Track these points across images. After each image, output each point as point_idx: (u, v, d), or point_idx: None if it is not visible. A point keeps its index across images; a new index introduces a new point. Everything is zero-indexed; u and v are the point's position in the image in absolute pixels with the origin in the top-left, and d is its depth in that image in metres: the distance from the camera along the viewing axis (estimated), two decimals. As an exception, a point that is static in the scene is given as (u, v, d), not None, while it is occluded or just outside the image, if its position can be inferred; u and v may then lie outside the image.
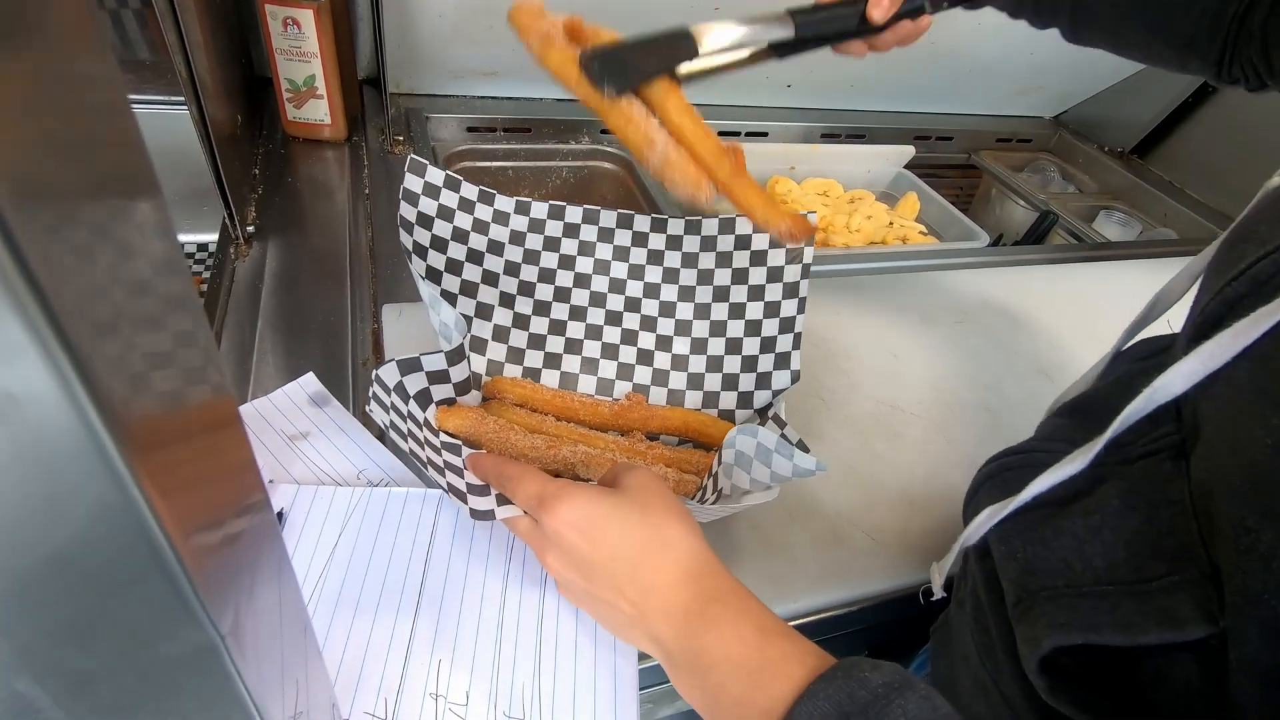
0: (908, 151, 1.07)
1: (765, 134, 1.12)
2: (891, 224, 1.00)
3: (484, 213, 0.60)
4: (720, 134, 1.07)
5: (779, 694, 0.31)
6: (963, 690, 0.43)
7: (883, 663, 0.30)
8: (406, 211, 0.55)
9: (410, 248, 0.55)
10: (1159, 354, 0.45)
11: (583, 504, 0.37)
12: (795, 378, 0.55)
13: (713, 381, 0.59)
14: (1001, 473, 0.45)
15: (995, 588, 0.39)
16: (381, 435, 0.53)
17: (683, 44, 0.49)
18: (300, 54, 0.80)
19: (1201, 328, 0.33)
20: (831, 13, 0.52)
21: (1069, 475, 0.35)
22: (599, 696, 0.39)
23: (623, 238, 0.62)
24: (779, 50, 0.52)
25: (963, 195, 1.33)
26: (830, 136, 1.16)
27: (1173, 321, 0.43)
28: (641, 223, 0.62)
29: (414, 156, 0.56)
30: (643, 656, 0.43)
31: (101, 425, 0.11)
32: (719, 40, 0.50)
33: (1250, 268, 0.31)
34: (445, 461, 0.42)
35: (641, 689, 0.42)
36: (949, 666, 0.46)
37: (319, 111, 0.86)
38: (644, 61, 0.48)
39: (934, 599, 0.48)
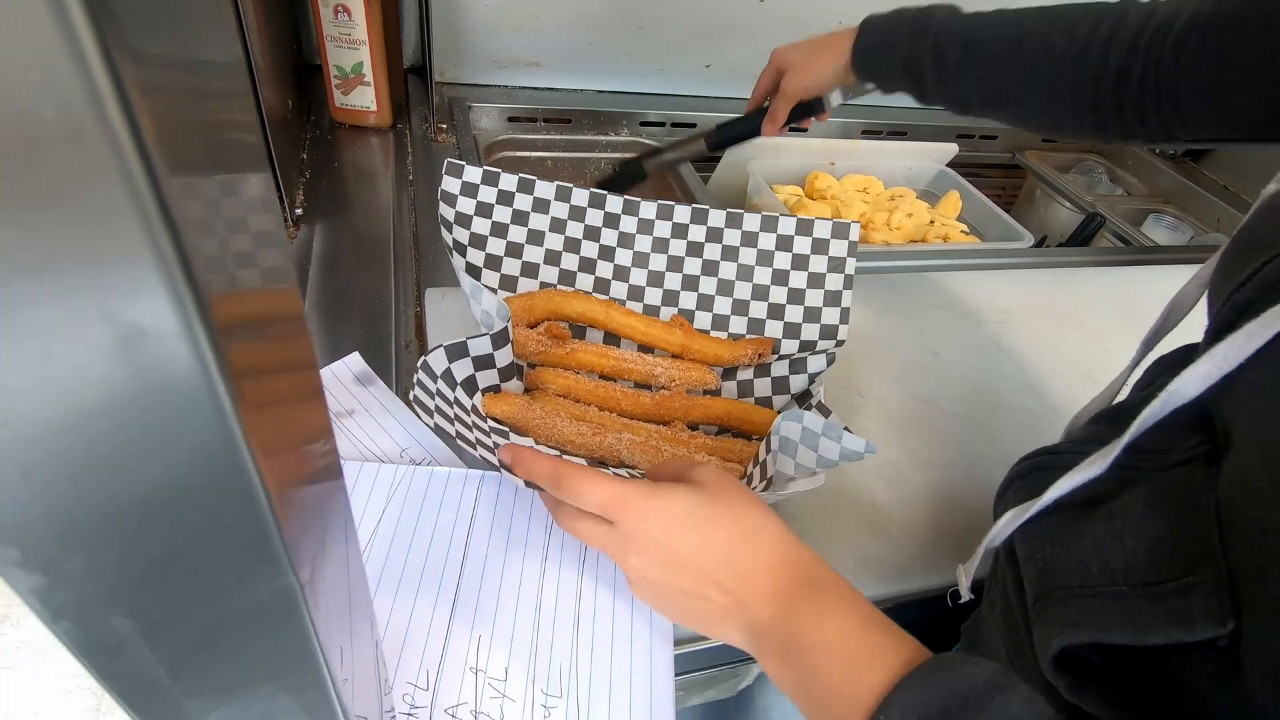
0: (950, 149, 1.06)
1: (805, 129, 1.11)
2: (933, 222, 0.98)
3: (524, 202, 0.60)
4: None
5: (874, 683, 0.30)
6: None
7: (983, 660, 0.30)
8: (445, 211, 0.57)
9: (451, 245, 0.56)
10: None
11: (664, 503, 0.36)
12: (831, 360, 0.55)
13: (745, 371, 0.59)
14: (1032, 472, 0.45)
15: (1021, 584, 0.39)
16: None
17: (638, 170, 0.82)
18: (349, 41, 0.82)
19: (1216, 334, 0.33)
20: (735, 129, 0.80)
21: (1089, 478, 0.35)
22: (635, 679, 0.40)
23: (662, 229, 0.62)
24: (708, 144, 0.82)
25: (1006, 195, 1.30)
26: (871, 133, 1.15)
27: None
28: (681, 214, 0.62)
29: (450, 160, 0.58)
30: (678, 641, 0.43)
31: (215, 366, 0.11)
32: (658, 164, 0.83)
33: (1258, 272, 0.31)
34: (495, 444, 0.43)
35: (676, 674, 0.42)
36: None
37: (365, 98, 0.87)
38: (622, 184, 0.81)
39: (961, 601, 0.47)
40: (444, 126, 0.92)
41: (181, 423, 0.12)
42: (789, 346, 0.59)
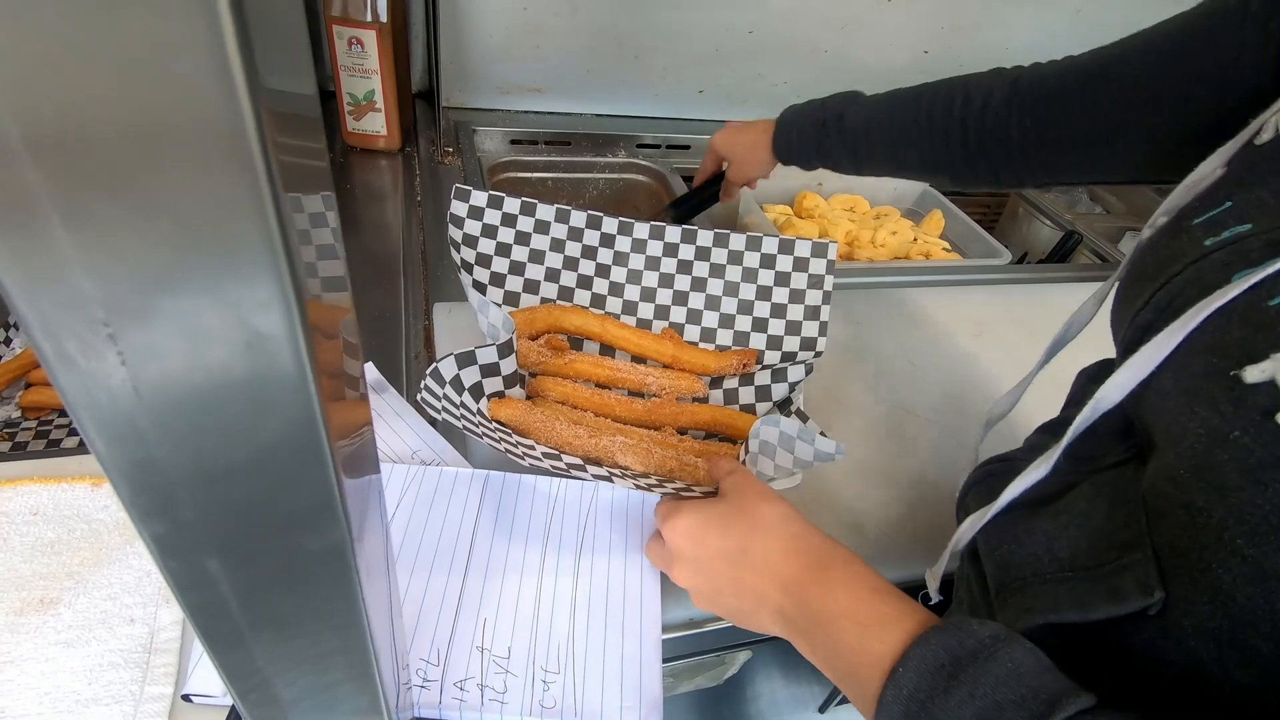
0: (934, 170, 1.10)
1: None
2: (916, 240, 1.03)
3: (526, 224, 0.65)
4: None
5: (892, 641, 0.34)
6: None
7: (990, 621, 0.33)
8: (454, 234, 0.62)
9: (459, 263, 0.61)
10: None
11: (689, 514, 0.42)
12: (809, 369, 0.59)
13: (731, 380, 0.63)
14: (986, 478, 0.50)
15: (984, 581, 0.43)
16: (434, 421, 0.58)
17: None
18: (362, 71, 0.87)
19: (1126, 352, 0.38)
20: (694, 200, 0.87)
21: (1035, 480, 0.40)
22: (626, 657, 0.44)
23: (654, 248, 0.67)
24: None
25: (990, 214, 1.35)
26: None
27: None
28: (672, 234, 0.67)
29: (458, 185, 0.63)
30: (667, 626, 0.47)
31: (308, 362, 0.15)
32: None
33: (1152, 298, 0.36)
34: (499, 440, 0.47)
35: (664, 660, 0.46)
36: None
37: (376, 124, 0.92)
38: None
39: (932, 602, 0.51)
40: (450, 149, 0.97)
41: (281, 403, 0.16)
42: (771, 357, 0.63)
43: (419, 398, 0.49)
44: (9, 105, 0.11)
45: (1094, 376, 0.52)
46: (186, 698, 0.39)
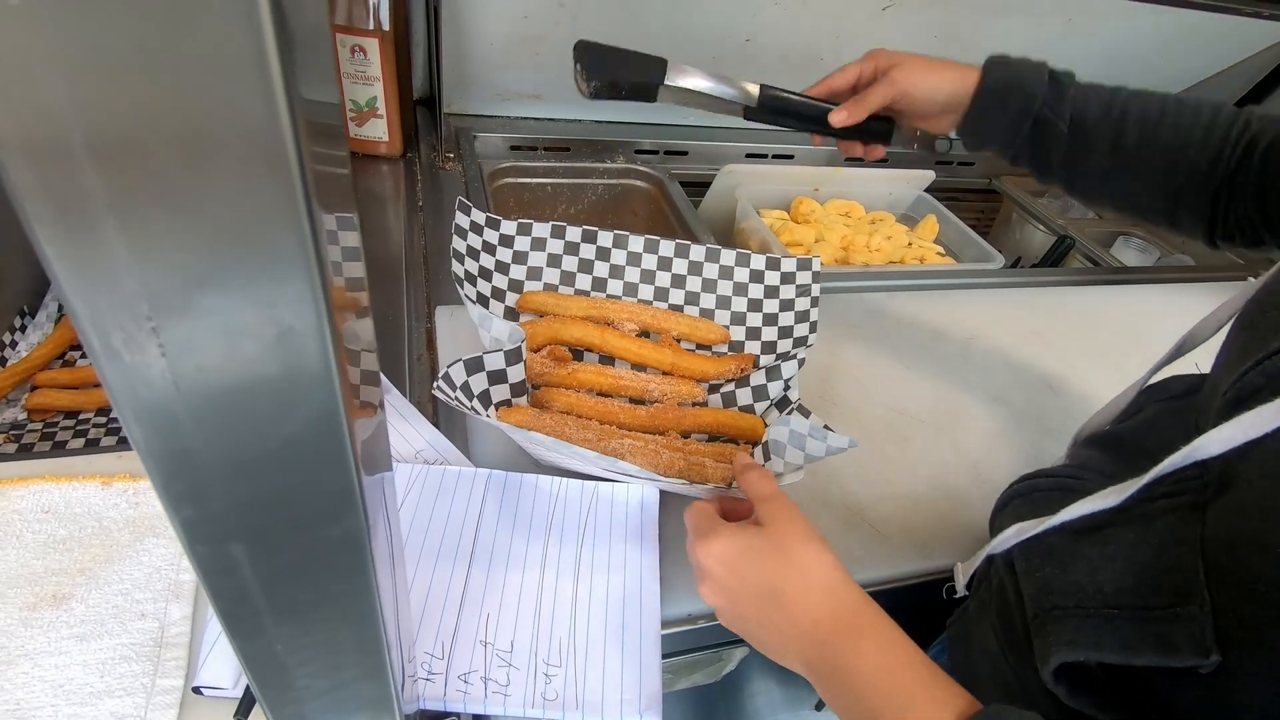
0: (928, 175, 1.12)
1: (791, 156, 1.18)
2: (910, 245, 1.04)
3: (523, 244, 0.67)
4: (748, 156, 1.12)
5: None
6: (981, 682, 0.46)
7: (1027, 713, 0.32)
8: (458, 244, 0.63)
9: (461, 275, 0.62)
10: (1185, 395, 0.48)
11: (726, 540, 0.41)
12: (801, 362, 0.61)
13: (728, 384, 0.64)
14: (1031, 493, 0.49)
15: (1021, 594, 0.42)
16: (436, 421, 0.59)
17: (654, 67, 0.59)
18: (364, 78, 0.88)
19: (1240, 393, 0.35)
20: (788, 108, 0.62)
21: (1099, 509, 0.38)
22: (626, 652, 0.45)
23: (649, 261, 0.69)
24: (746, 112, 0.62)
25: (984, 219, 1.37)
26: (854, 160, 1.21)
27: (1200, 364, 0.45)
28: (666, 248, 0.69)
29: (461, 199, 0.64)
30: (666, 622, 0.48)
31: (333, 356, 0.16)
32: (686, 81, 0.60)
33: None
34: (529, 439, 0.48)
35: (664, 657, 0.47)
36: (965, 657, 0.50)
37: (378, 130, 0.93)
38: (620, 68, 0.59)
39: (956, 596, 0.51)
40: (451, 155, 0.98)
41: (307, 395, 0.17)
42: (766, 360, 0.65)
43: (434, 387, 0.49)
44: (73, 111, 0.12)
45: (1161, 398, 0.49)
46: (197, 690, 0.39)
